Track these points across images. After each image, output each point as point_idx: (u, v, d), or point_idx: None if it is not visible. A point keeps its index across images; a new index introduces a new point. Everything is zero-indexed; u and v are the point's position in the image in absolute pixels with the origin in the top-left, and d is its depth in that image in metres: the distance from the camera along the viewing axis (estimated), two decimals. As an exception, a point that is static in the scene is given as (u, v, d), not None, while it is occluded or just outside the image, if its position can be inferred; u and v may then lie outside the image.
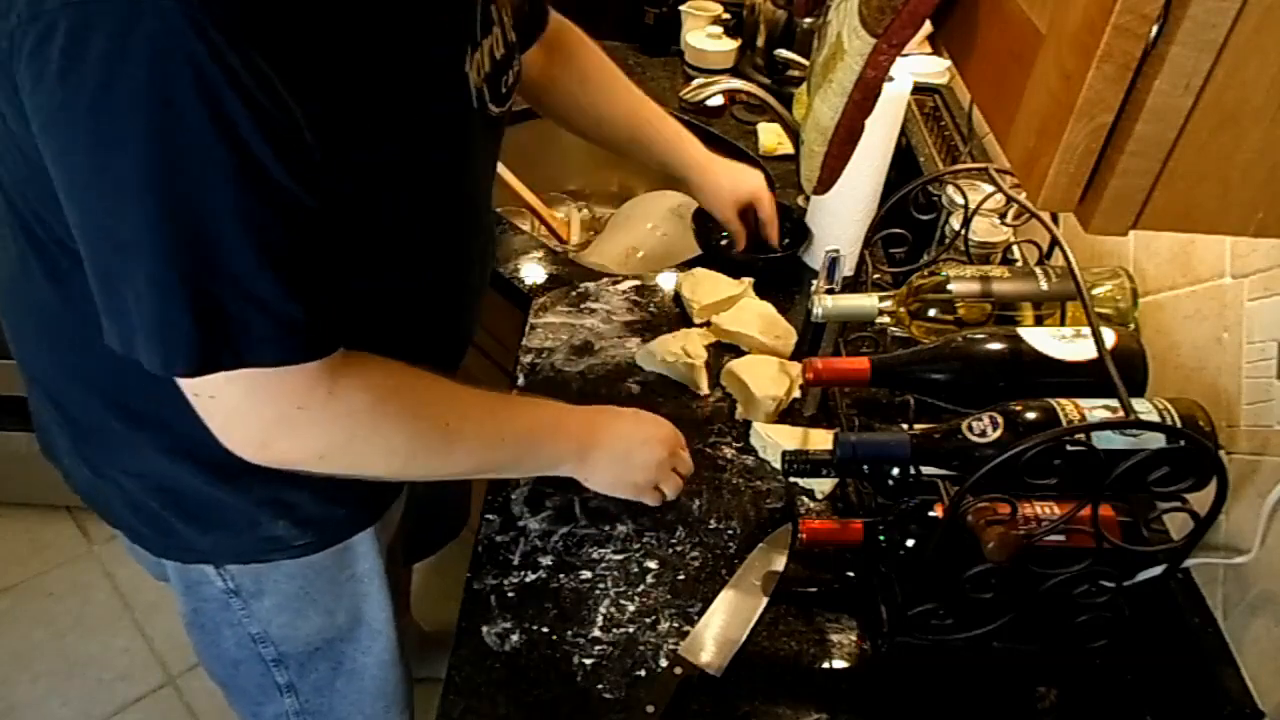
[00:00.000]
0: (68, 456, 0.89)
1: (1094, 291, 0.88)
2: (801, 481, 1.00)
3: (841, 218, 1.25)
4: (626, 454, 0.89)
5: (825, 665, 0.84)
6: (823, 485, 0.99)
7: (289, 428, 0.70)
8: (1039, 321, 0.90)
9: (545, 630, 0.85)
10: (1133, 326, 0.86)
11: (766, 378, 1.08)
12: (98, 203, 0.60)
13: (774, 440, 1.01)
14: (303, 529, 0.89)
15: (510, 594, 0.88)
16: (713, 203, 1.21)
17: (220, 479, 0.82)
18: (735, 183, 1.22)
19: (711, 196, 1.21)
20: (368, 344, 0.75)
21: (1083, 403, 0.72)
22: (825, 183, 0.78)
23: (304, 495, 0.86)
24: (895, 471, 0.76)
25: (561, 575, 0.90)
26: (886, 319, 0.94)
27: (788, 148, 1.55)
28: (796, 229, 1.32)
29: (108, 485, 0.87)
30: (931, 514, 0.80)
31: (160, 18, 0.54)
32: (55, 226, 0.67)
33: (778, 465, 1.01)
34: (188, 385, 0.68)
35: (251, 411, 0.69)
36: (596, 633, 0.85)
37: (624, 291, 1.26)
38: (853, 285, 1.12)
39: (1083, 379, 0.77)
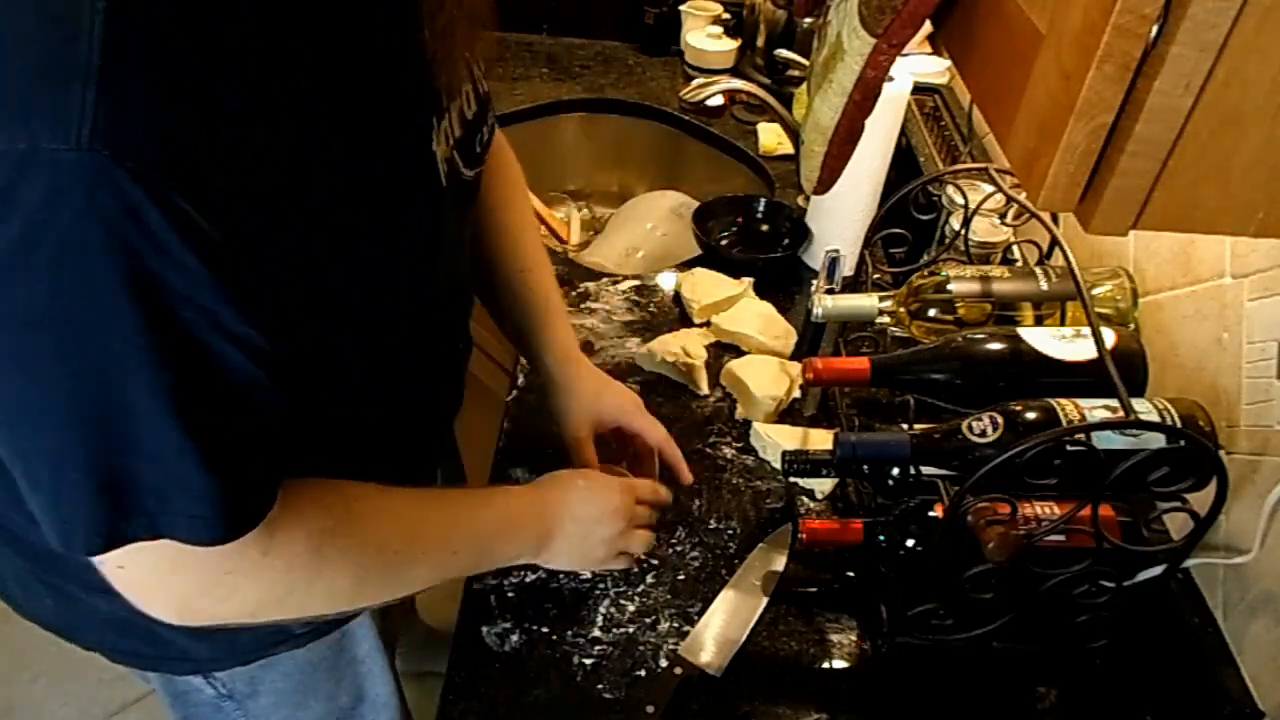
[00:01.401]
0: (20, 586, 0.81)
1: (1094, 291, 0.88)
2: (801, 481, 1.00)
3: (841, 218, 1.25)
4: (584, 536, 0.81)
5: (825, 665, 0.84)
6: (823, 485, 0.99)
7: (216, 592, 0.62)
8: (1039, 321, 0.90)
9: (545, 630, 0.85)
10: (1133, 326, 0.86)
11: (766, 378, 1.08)
12: None
13: (774, 440, 1.01)
14: None
15: (510, 594, 0.88)
16: (564, 414, 0.92)
17: None
18: (600, 398, 0.92)
19: (564, 405, 0.92)
20: (348, 428, 0.70)
21: (1083, 403, 0.72)
22: (825, 183, 0.78)
23: None
24: (895, 471, 0.76)
25: (561, 575, 0.90)
26: (886, 319, 0.94)
27: (788, 148, 1.55)
28: (796, 229, 1.32)
29: (80, 607, 0.79)
30: (931, 514, 0.80)
31: (59, 168, 0.45)
32: None
33: (778, 465, 1.01)
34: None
35: (169, 581, 0.60)
36: (596, 633, 0.85)
37: (624, 291, 1.26)
38: (853, 285, 1.12)
39: (1083, 379, 0.77)
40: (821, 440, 1.01)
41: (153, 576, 0.60)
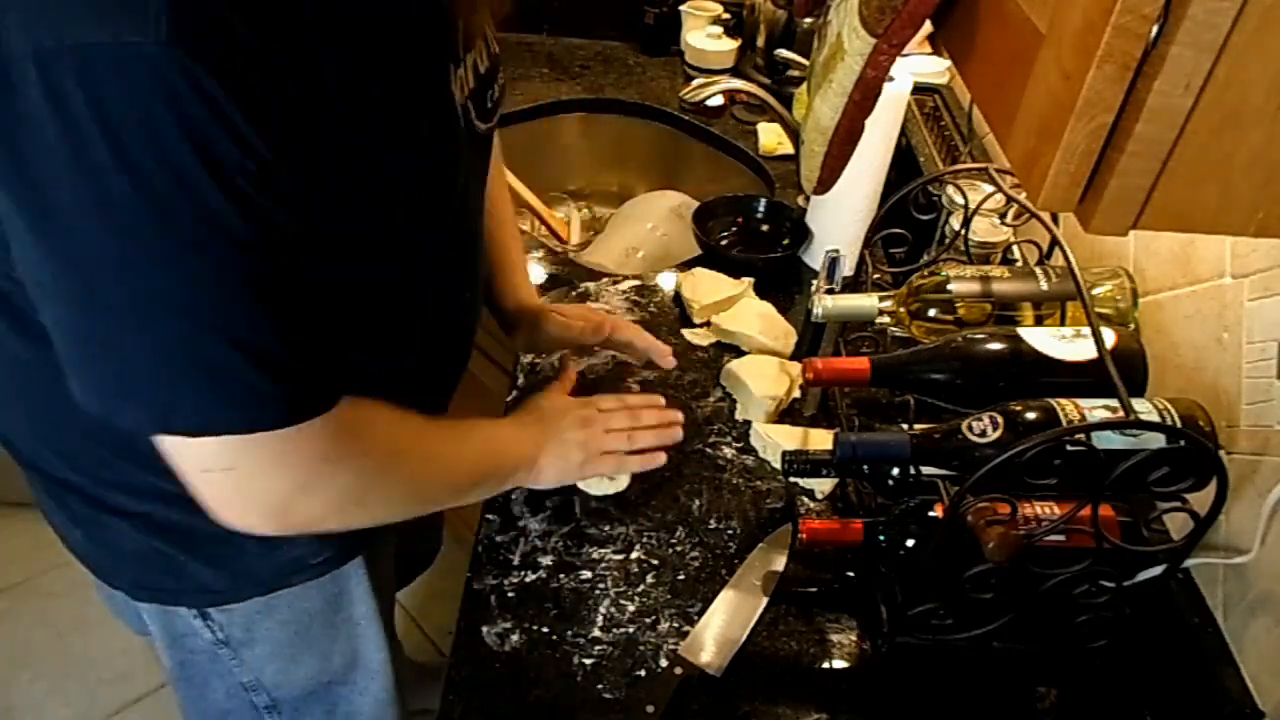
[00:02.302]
0: (56, 516, 0.85)
1: (1094, 291, 0.88)
2: (801, 481, 1.00)
3: (841, 218, 1.25)
4: (560, 444, 0.91)
5: (825, 665, 0.84)
6: (823, 485, 0.99)
7: (315, 485, 0.68)
8: (1039, 321, 0.90)
9: (545, 630, 0.85)
10: (1133, 326, 0.86)
11: (766, 378, 1.08)
12: (84, 266, 0.55)
13: (774, 440, 1.01)
14: (321, 543, 0.87)
15: (510, 594, 0.88)
16: (558, 329, 1.06)
17: None
18: (579, 312, 1.08)
19: (557, 325, 1.06)
20: (369, 375, 0.72)
21: (1083, 403, 0.72)
22: (825, 183, 0.78)
23: None
24: (895, 471, 0.76)
25: (561, 575, 0.90)
26: (886, 319, 0.94)
27: (788, 148, 1.55)
28: (796, 229, 1.32)
29: (105, 539, 0.83)
30: (931, 514, 0.80)
31: (141, 62, 0.50)
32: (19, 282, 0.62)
33: (778, 465, 1.01)
34: (197, 461, 0.63)
35: (273, 477, 0.65)
36: (596, 633, 0.85)
37: (624, 291, 1.26)
38: (853, 285, 1.12)
39: (1083, 379, 0.77)
40: (821, 440, 1.01)
41: (259, 475, 0.64)
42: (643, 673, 0.82)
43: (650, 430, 0.96)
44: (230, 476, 0.64)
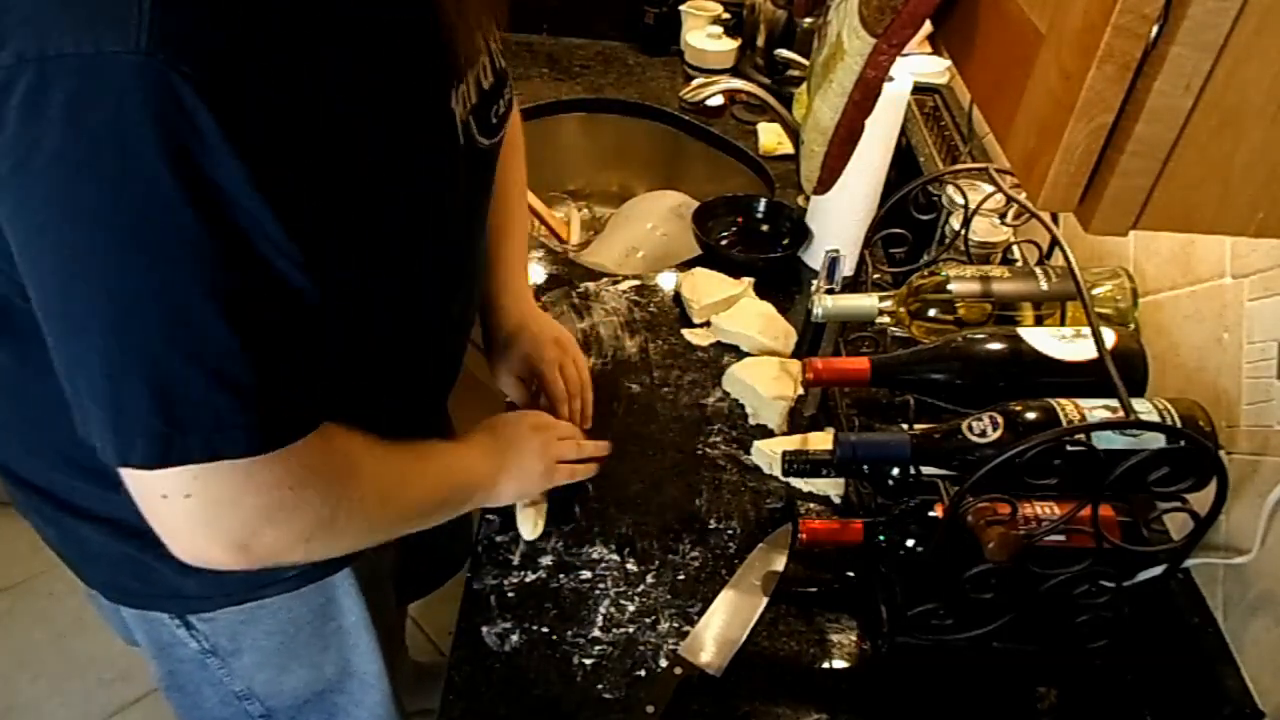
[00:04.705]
0: (30, 515, 0.84)
1: (1094, 291, 0.88)
2: (814, 489, 1.00)
3: (841, 218, 1.25)
4: (518, 457, 0.90)
5: (825, 665, 0.84)
6: (836, 488, 0.98)
7: (280, 514, 0.64)
8: (1039, 321, 0.90)
9: (545, 630, 0.85)
10: (1133, 326, 0.86)
11: (773, 379, 1.07)
12: (50, 273, 0.54)
13: (777, 456, 1.00)
14: None
15: (510, 594, 0.88)
16: (498, 362, 1.06)
17: None
18: (535, 348, 1.04)
19: (499, 356, 1.06)
20: (351, 386, 0.71)
21: (1083, 403, 0.72)
22: (825, 183, 0.78)
23: None
24: (895, 471, 0.76)
25: (561, 575, 0.90)
26: (886, 319, 0.94)
27: (788, 148, 1.55)
28: (796, 229, 1.32)
29: (74, 537, 0.82)
30: (931, 514, 0.80)
31: (121, 70, 0.48)
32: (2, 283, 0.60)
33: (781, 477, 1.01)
34: (152, 485, 0.59)
35: (238, 503, 0.61)
36: (596, 633, 0.85)
37: (624, 291, 1.26)
38: (853, 285, 1.12)
39: (1083, 379, 0.77)
40: (821, 442, 1.01)
41: (221, 503, 0.61)
42: (643, 673, 0.82)
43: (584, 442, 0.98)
44: (189, 505, 0.60)
